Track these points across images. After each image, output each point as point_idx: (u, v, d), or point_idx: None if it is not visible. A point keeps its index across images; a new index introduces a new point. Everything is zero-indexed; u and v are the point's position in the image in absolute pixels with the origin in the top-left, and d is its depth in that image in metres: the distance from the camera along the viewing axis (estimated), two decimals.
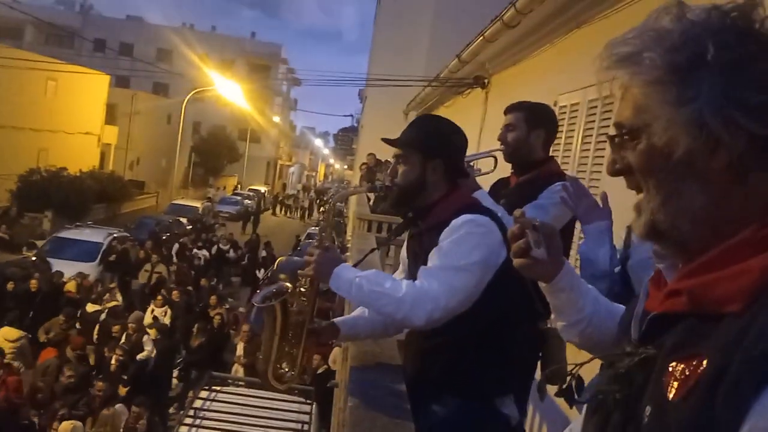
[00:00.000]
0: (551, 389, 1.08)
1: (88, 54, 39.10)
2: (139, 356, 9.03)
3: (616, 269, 2.03)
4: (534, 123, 2.78)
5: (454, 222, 2.06)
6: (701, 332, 0.76)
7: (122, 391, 7.88)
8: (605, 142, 4.53)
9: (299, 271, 2.19)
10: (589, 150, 4.69)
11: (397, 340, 2.69)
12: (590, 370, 1.11)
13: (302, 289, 2.20)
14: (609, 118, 4.45)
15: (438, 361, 2.16)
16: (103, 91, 30.20)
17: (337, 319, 2.38)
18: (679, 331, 0.80)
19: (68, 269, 13.06)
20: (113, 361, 8.54)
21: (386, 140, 2.33)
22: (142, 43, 43.94)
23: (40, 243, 15.64)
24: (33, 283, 11.10)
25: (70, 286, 11.56)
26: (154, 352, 9.06)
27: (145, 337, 9.16)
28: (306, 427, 6.03)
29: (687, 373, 0.74)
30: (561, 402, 3.48)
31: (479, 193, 2.50)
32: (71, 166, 23.63)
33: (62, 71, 25.11)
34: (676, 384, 0.75)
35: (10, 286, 10.85)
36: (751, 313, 0.72)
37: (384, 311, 2.06)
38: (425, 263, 2.14)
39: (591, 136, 4.69)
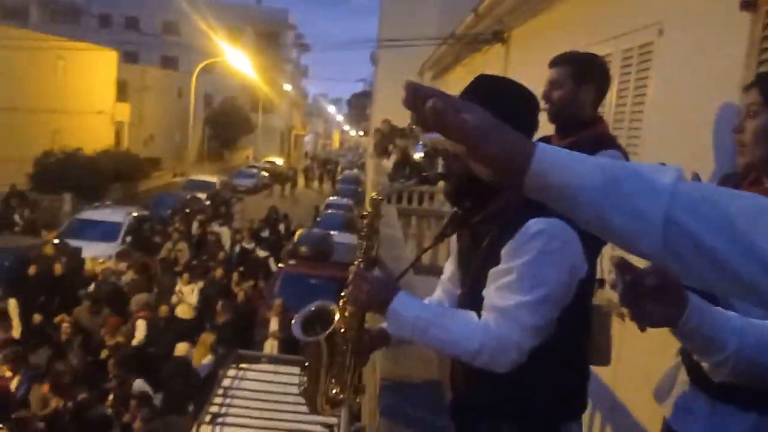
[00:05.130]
0: None
1: (95, 30, 38.79)
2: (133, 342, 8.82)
3: None
4: (582, 78, 2.50)
5: (523, 232, 1.65)
6: None
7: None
8: (643, 95, 4.23)
9: (343, 294, 1.88)
10: (625, 106, 4.37)
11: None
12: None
13: (347, 314, 1.90)
14: (647, 68, 4.13)
15: (494, 383, 1.79)
16: (113, 67, 29.97)
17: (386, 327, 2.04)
18: None
19: (90, 250, 13.06)
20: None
21: None
22: (147, 16, 43.44)
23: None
24: (57, 267, 11.00)
25: (89, 268, 11.51)
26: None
27: (139, 321, 9.00)
28: None
29: None
30: (604, 376, 3.19)
31: None
32: (86, 146, 23.55)
33: (70, 49, 24.89)
34: None
35: (32, 270, 10.78)
36: None
37: (457, 359, 1.79)
38: (477, 262, 1.81)
39: (627, 89, 4.37)
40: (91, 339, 8.97)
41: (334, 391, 1.97)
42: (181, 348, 8.03)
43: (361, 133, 66.65)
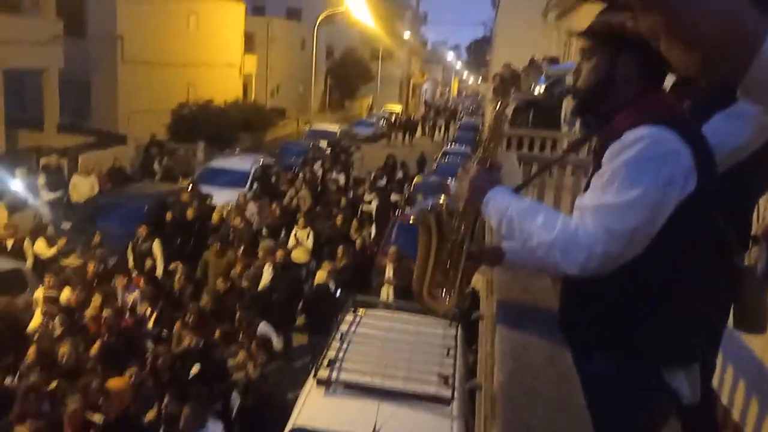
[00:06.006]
0: None
1: None
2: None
3: None
4: None
5: (626, 136, 1.56)
6: None
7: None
8: None
9: (453, 190, 1.94)
10: None
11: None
12: None
13: (459, 212, 1.94)
14: None
15: (591, 309, 1.72)
16: (240, 20, 30.89)
17: (504, 243, 1.99)
18: None
19: (220, 197, 13.77)
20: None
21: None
22: None
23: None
24: (189, 212, 11.67)
25: (216, 216, 12.02)
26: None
27: (267, 266, 9.27)
28: (452, 351, 5.87)
29: None
30: (752, 343, 2.81)
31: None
32: (217, 98, 24.67)
33: (201, 2, 25.95)
34: None
35: (168, 215, 11.51)
36: None
37: (535, 255, 1.68)
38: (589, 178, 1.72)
39: None
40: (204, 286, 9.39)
41: (440, 289, 1.99)
42: (320, 276, 8.72)
43: (480, 80, 64.99)
